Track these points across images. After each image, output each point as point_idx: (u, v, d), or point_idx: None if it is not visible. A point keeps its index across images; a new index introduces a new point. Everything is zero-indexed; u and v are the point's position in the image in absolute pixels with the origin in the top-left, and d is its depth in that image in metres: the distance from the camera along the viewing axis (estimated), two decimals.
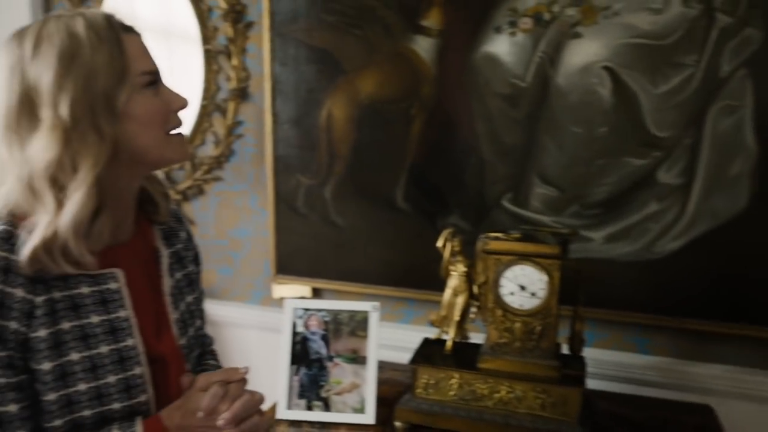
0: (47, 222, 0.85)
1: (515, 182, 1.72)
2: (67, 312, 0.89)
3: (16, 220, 0.88)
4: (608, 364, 1.67)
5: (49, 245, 0.85)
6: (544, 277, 1.38)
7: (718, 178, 1.55)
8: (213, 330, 1.25)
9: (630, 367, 1.68)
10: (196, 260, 1.17)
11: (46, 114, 0.85)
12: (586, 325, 1.52)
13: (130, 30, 0.94)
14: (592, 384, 1.54)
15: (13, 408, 0.84)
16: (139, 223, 1.04)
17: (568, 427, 1.35)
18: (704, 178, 1.56)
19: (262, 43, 1.94)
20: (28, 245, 0.84)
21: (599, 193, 1.65)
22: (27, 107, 0.87)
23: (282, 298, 2.05)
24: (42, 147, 0.85)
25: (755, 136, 1.51)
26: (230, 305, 2.15)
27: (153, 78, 0.94)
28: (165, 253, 1.06)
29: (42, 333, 0.86)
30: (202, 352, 1.17)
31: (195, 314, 1.11)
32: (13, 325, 0.84)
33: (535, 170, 1.69)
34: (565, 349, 1.53)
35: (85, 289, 0.91)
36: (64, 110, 0.85)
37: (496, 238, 1.42)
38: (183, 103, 0.97)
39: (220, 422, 0.94)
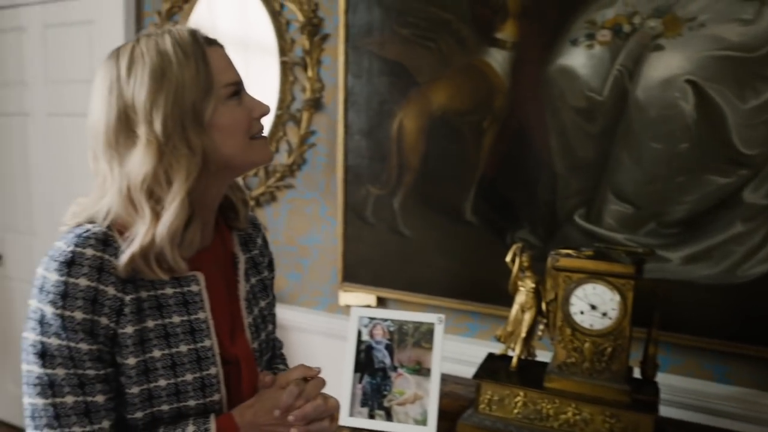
0: (145, 231, 0.90)
1: (588, 198, 1.67)
2: (152, 311, 0.94)
3: (117, 228, 0.94)
4: (683, 391, 1.59)
5: (146, 252, 0.90)
6: (617, 297, 1.33)
7: None
8: (280, 333, 1.28)
9: (707, 396, 1.59)
10: (270, 266, 1.21)
11: (142, 130, 0.91)
12: (660, 349, 1.45)
13: (213, 43, 0.98)
14: (665, 411, 1.47)
15: (100, 398, 0.90)
16: (219, 229, 1.08)
17: None
18: None
19: (337, 55, 1.99)
20: (126, 252, 0.90)
21: (678, 212, 1.57)
22: (125, 124, 0.92)
23: (347, 306, 2.08)
24: (139, 162, 0.91)
25: None
26: (297, 310, 2.20)
27: (236, 88, 0.97)
28: (242, 259, 1.09)
29: (129, 330, 0.91)
30: (272, 356, 1.20)
31: (267, 319, 1.14)
32: (104, 320, 0.89)
33: (609, 186, 1.64)
34: (637, 373, 1.47)
35: (169, 290, 0.96)
36: (158, 126, 0.90)
37: (568, 255, 1.38)
38: (265, 110, 1.01)
39: (290, 418, 0.97)
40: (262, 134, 1.02)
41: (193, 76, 0.92)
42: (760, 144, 1.48)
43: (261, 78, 2.13)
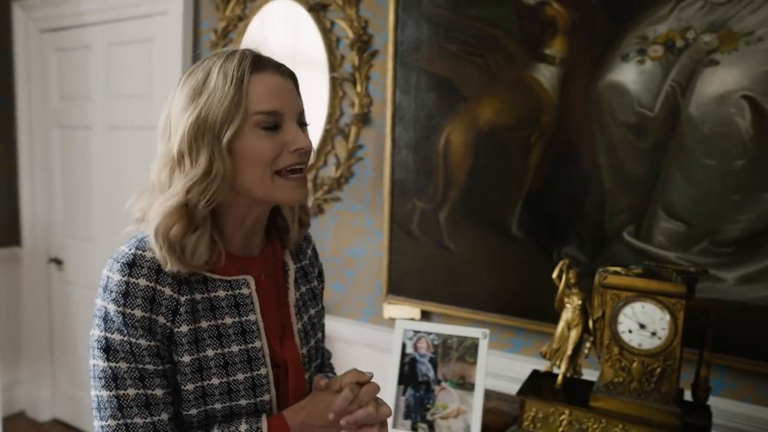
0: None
1: (638, 214, 1.65)
2: (205, 312, 0.98)
3: None
4: (738, 416, 1.54)
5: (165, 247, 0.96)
6: (667, 317, 1.30)
7: None
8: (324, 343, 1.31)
9: (762, 422, 1.53)
10: (320, 277, 1.24)
11: (171, 140, 0.98)
12: (713, 372, 1.41)
13: (266, 70, 0.99)
14: None
15: (159, 392, 0.95)
16: (271, 239, 1.12)
17: None
18: None
19: (385, 71, 2.02)
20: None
21: (733, 231, 1.53)
22: (167, 132, 1.00)
23: (391, 318, 2.10)
24: (159, 166, 0.99)
25: None
26: (341, 321, 2.23)
27: (271, 119, 0.97)
28: (292, 267, 1.13)
29: (184, 329, 0.96)
30: (321, 364, 1.23)
31: (317, 327, 1.18)
32: (161, 319, 0.94)
33: (660, 203, 1.61)
34: (688, 396, 1.43)
35: (221, 293, 1.00)
36: (176, 139, 0.96)
37: (616, 273, 1.36)
38: (303, 145, 0.99)
39: (342, 422, 1.00)
40: (296, 172, 1.00)
41: (221, 98, 0.95)
42: None
43: (311, 93, 2.18)
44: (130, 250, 0.95)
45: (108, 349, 0.93)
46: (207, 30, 2.54)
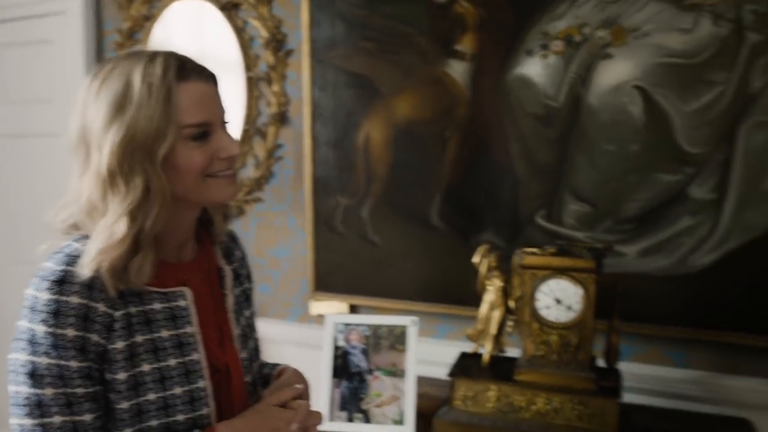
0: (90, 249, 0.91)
1: (549, 199, 1.76)
2: (141, 326, 0.95)
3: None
4: (646, 378, 1.68)
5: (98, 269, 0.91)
6: (580, 291, 1.41)
7: (751, 192, 1.56)
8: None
9: (668, 381, 1.68)
10: (250, 278, 1.24)
11: (94, 157, 0.93)
12: (622, 339, 1.54)
13: (192, 78, 0.96)
14: (630, 398, 1.55)
15: (87, 417, 0.90)
16: (202, 242, 1.10)
17: None
18: (737, 193, 1.58)
19: (301, 69, 2.04)
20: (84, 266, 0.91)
21: (632, 209, 1.67)
22: (83, 145, 0.94)
23: (320, 315, 2.11)
24: (87, 185, 0.93)
25: None
26: (269, 322, 2.21)
27: (200, 130, 0.96)
28: (229, 273, 1.12)
29: (119, 345, 0.92)
30: (261, 363, 1.23)
31: (253, 328, 1.18)
32: (95, 337, 0.90)
33: (568, 187, 1.73)
34: (601, 363, 1.54)
35: (157, 305, 0.97)
36: (105, 157, 0.91)
37: (532, 253, 1.46)
38: (232, 153, 0.99)
39: (294, 426, 1.03)
40: (227, 173, 0.99)
41: (150, 116, 0.91)
42: (703, 143, 1.59)
43: (226, 94, 2.15)
44: (58, 266, 0.90)
45: (33, 374, 0.88)
46: (111, 31, 2.44)
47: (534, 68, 1.72)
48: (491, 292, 1.55)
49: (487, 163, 1.81)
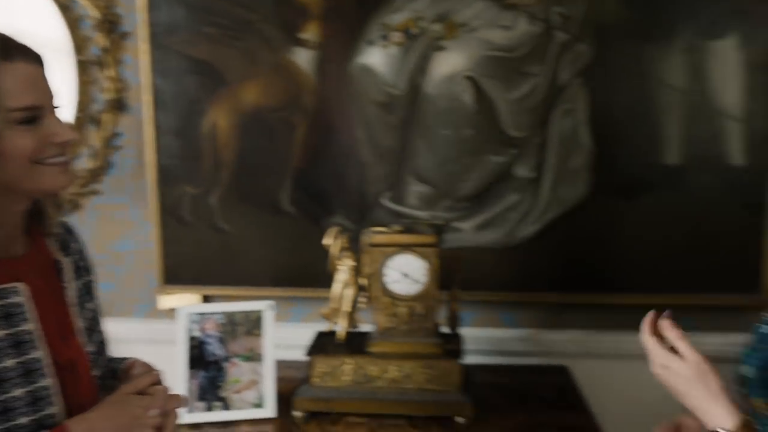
0: None
1: (393, 182, 1.87)
2: None
3: None
4: (483, 340, 1.87)
5: None
6: (425, 265, 1.53)
7: (562, 171, 1.81)
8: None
9: (502, 340, 1.89)
10: (90, 270, 1.18)
11: None
12: (462, 306, 1.69)
13: (17, 58, 0.91)
14: (472, 359, 1.72)
15: None
16: (33, 236, 1.03)
17: (451, 397, 1.51)
18: (551, 172, 1.81)
19: (138, 54, 1.94)
20: None
21: (467, 188, 1.84)
22: None
23: (171, 309, 2.04)
24: None
25: (589, 135, 1.78)
26: (115, 321, 2.07)
27: (29, 114, 0.91)
28: (66, 264, 1.06)
29: None
30: (109, 358, 1.19)
31: (98, 321, 1.13)
32: None
33: (410, 170, 1.86)
34: (446, 330, 1.69)
35: None
36: None
37: (380, 232, 1.56)
38: (65, 138, 0.94)
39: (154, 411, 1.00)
40: (60, 159, 0.95)
41: None
42: (524, 128, 1.80)
43: (53, 79, 1.99)
44: None
45: None
46: None
47: (376, 57, 1.81)
48: (343, 272, 1.62)
49: (335, 149, 1.88)
